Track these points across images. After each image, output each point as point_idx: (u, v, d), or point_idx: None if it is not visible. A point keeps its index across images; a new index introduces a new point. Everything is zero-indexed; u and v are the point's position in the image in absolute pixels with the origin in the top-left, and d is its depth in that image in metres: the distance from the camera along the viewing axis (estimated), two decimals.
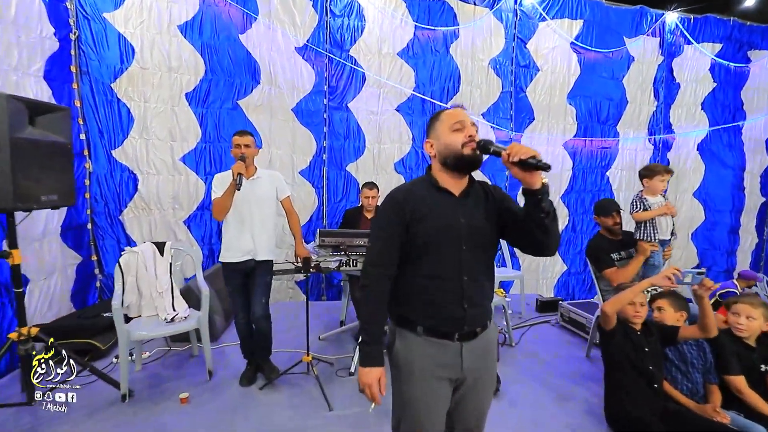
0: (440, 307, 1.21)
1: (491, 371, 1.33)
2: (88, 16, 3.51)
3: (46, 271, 3.06)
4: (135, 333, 2.35)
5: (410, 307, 1.25)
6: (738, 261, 5.59)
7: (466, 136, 1.20)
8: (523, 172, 1.05)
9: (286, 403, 2.34)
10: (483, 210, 1.26)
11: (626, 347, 2.03)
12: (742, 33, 5.30)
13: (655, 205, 2.67)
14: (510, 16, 4.70)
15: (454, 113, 1.25)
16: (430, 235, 1.20)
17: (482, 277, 1.25)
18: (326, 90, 4.29)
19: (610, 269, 2.74)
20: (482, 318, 1.26)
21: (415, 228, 1.20)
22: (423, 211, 1.21)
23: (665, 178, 2.67)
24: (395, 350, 1.26)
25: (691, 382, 2.10)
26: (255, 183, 2.50)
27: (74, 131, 3.48)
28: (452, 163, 1.22)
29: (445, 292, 1.21)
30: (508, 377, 2.69)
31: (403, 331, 1.26)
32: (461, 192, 1.25)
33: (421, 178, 1.32)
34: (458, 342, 1.21)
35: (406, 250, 1.23)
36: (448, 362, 1.22)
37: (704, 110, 5.35)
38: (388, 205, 1.26)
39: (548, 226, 1.11)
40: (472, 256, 1.21)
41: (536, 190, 1.07)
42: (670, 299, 2.25)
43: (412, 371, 1.22)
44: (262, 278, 2.49)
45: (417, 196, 1.24)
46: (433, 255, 1.20)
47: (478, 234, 1.23)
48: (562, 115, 4.98)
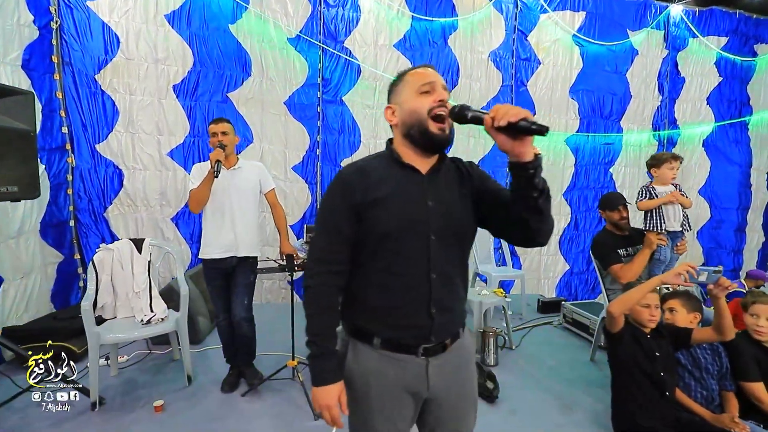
0: (402, 313, 0.98)
1: (468, 388, 1.10)
2: (71, 4, 3.38)
3: (22, 270, 2.92)
4: (107, 335, 2.19)
5: (365, 314, 1.02)
6: (744, 260, 5.43)
7: (436, 101, 0.96)
8: (513, 140, 0.82)
9: (268, 411, 2.18)
10: (457, 191, 1.02)
11: (635, 352, 1.87)
12: (748, 26, 5.15)
13: (663, 195, 2.51)
14: (510, 7, 4.56)
15: (423, 73, 1.00)
16: (388, 224, 0.96)
17: (455, 275, 1.02)
18: (320, 83, 4.14)
19: (616, 265, 2.58)
20: (453, 326, 1.05)
21: (369, 214, 0.96)
22: (380, 194, 0.96)
23: (674, 165, 2.51)
24: (347, 365, 1.04)
25: (706, 390, 1.93)
26: (236, 173, 2.35)
27: (56, 124, 3.35)
28: (416, 136, 0.98)
29: (408, 295, 0.97)
30: (507, 383, 2.53)
31: (356, 343, 1.03)
32: (429, 169, 1.02)
33: (381, 153, 1.07)
34: (423, 357, 0.99)
35: (359, 243, 1.00)
36: (411, 382, 1.00)
37: (710, 105, 5.20)
38: (334, 186, 1.02)
39: (542, 207, 0.89)
40: (443, 248, 0.98)
41: (527, 162, 0.84)
42: (682, 299, 2.09)
43: (367, 392, 1.00)
44: (245, 277, 2.34)
45: (372, 174, 0.99)
46: (393, 248, 0.97)
47: (451, 221, 0.99)
48: (565, 110, 4.83)
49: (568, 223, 5.00)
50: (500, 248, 4.47)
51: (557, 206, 4.94)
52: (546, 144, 4.83)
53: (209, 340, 3.14)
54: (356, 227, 0.99)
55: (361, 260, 1.01)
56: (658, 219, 2.51)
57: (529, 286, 4.82)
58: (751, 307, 1.97)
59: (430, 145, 0.99)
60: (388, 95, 1.08)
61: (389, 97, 1.07)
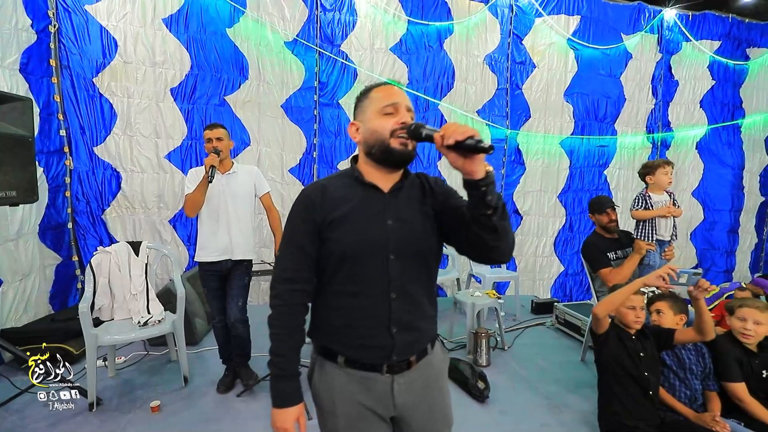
0: (362, 333, 0.98)
1: (438, 406, 1.08)
2: (69, 8, 3.40)
3: (21, 271, 2.95)
4: (104, 337, 2.23)
5: (328, 333, 1.02)
6: (737, 261, 5.50)
7: (398, 123, 0.96)
8: (463, 158, 0.83)
9: (263, 411, 2.22)
10: (418, 208, 1.02)
11: (620, 353, 1.91)
12: (740, 30, 5.21)
13: (658, 204, 2.56)
14: (505, 11, 4.60)
15: (388, 92, 1.00)
16: (347, 244, 0.96)
17: (418, 293, 1.01)
18: (316, 86, 4.18)
19: (605, 269, 2.63)
20: (418, 344, 1.03)
21: (329, 235, 0.97)
22: (340, 213, 0.97)
23: (668, 170, 2.56)
24: (314, 383, 1.05)
25: (690, 389, 1.99)
26: (231, 178, 2.39)
27: (53, 127, 3.38)
28: (378, 155, 0.98)
29: (368, 315, 0.97)
30: (499, 384, 2.58)
31: (323, 362, 1.04)
32: (392, 187, 1.02)
33: (345, 171, 1.07)
34: (388, 375, 0.99)
35: (321, 262, 1.00)
36: (376, 400, 1.00)
37: (703, 108, 5.26)
38: (298, 205, 1.02)
39: (496, 225, 0.87)
40: (403, 267, 0.97)
41: (479, 180, 0.84)
42: (669, 302, 2.14)
43: (333, 411, 1.00)
44: (240, 279, 2.38)
45: (334, 194, 1.00)
46: (351, 268, 0.97)
47: (410, 239, 0.98)
48: (559, 113, 4.88)
49: (563, 224, 5.05)
50: None
51: (552, 208, 4.99)
52: (541, 147, 4.89)
53: (206, 342, 3.17)
54: (318, 246, 0.99)
55: (323, 280, 1.02)
56: (650, 229, 2.56)
57: (524, 287, 4.87)
58: (738, 311, 1.99)
59: (393, 160, 0.99)
60: (354, 110, 1.07)
61: (355, 111, 1.07)
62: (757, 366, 1.95)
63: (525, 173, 4.87)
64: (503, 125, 4.72)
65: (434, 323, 1.09)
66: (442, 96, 4.50)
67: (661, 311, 2.12)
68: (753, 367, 1.95)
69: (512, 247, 0.97)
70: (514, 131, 4.77)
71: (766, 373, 1.95)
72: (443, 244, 1.07)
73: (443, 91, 4.51)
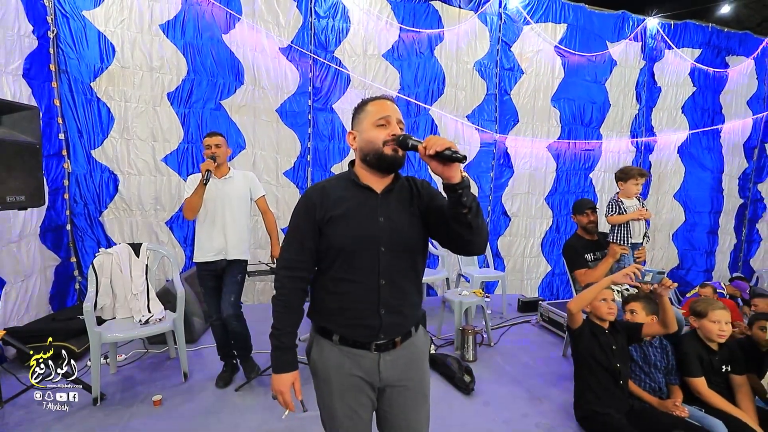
0: (354, 314, 1.13)
1: (419, 383, 1.22)
2: (67, 13, 3.48)
3: (23, 272, 3.02)
4: (107, 335, 2.32)
5: (325, 314, 1.18)
6: (717, 261, 5.71)
7: (389, 135, 1.11)
8: (442, 165, 0.97)
9: (260, 404, 2.33)
10: (407, 207, 1.17)
11: (593, 346, 2.07)
12: (720, 39, 5.42)
13: (630, 209, 2.70)
14: (495, 19, 4.75)
15: (381, 107, 1.15)
16: (344, 238, 1.11)
17: (405, 282, 1.16)
18: (311, 91, 4.29)
19: (579, 270, 2.78)
20: (402, 326, 1.18)
21: (328, 230, 1.12)
22: (337, 212, 1.12)
23: (639, 181, 2.70)
24: (312, 358, 1.21)
25: (654, 382, 2.16)
26: (227, 182, 2.50)
27: (53, 131, 3.45)
28: (372, 161, 1.13)
29: (359, 298, 1.12)
30: (484, 377, 2.72)
31: (320, 339, 1.20)
32: (384, 188, 1.17)
33: (343, 174, 1.23)
34: (376, 353, 1.14)
35: (321, 253, 1.16)
36: (365, 373, 1.15)
37: (684, 113, 5.46)
38: (300, 205, 1.18)
39: (471, 222, 1.02)
40: (393, 259, 1.12)
41: (456, 184, 0.98)
42: (642, 302, 2.30)
43: (329, 382, 1.16)
44: (233, 277, 2.48)
45: (333, 195, 1.15)
46: (348, 259, 1.12)
47: (399, 235, 1.13)
48: (547, 118, 5.04)
49: (549, 226, 5.21)
50: None
51: (540, 209, 5.16)
52: (529, 150, 5.04)
53: (203, 340, 3.28)
54: (318, 240, 1.15)
55: (323, 268, 1.18)
56: (624, 233, 2.68)
57: (512, 286, 5.03)
58: (711, 314, 2.11)
59: (385, 166, 1.14)
60: (352, 120, 1.22)
61: (353, 122, 1.22)
62: (717, 362, 2.12)
63: (513, 176, 5.03)
64: (492, 130, 4.87)
65: (419, 309, 1.24)
66: (432, 101, 4.63)
67: (634, 311, 2.29)
68: (713, 363, 2.11)
69: (486, 241, 1.12)
70: (502, 135, 4.92)
71: (725, 368, 2.12)
72: (429, 240, 1.22)
73: (434, 97, 4.64)
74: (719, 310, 2.10)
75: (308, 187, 1.25)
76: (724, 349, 2.13)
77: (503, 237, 5.11)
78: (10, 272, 2.86)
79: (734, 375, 2.11)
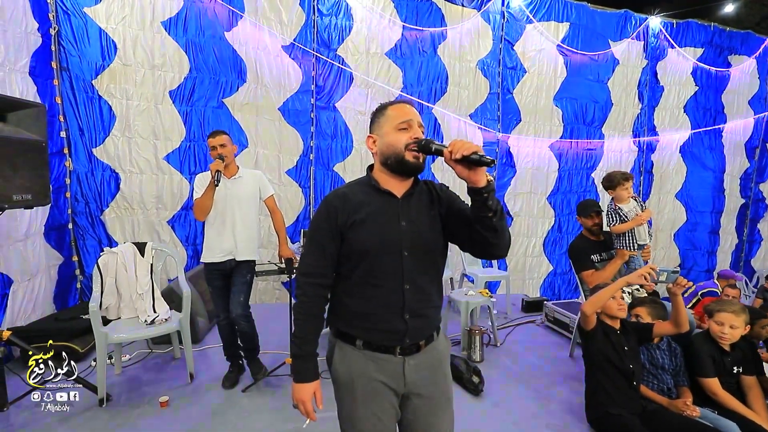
0: (379, 319, 1.12)
1: (442, 386, 1.21)
2: (69, 10, 3.44)
3: (30, 271, 3.00)
4: (113, 336, 2.30)
5: (348, 320, 1.16)
6: (718, 261, 5.72)
7: (411, 138, 1.10)
8: (468, 170, 0.97)
9: (267, 406, 2.31)
10: (427, 211, 1.16)
11: (606, 347, 2.06)
12: (722, 38, 5.43)
13: (630, 212, 2.67)
14: (497, 17, 4.73)
15: (402, 110, 1.14)
16: (367, 243, 1.10)
17: (427, 285, 1.15)
18: (313, 89, 4.26)
19: (587, 271, 2.77)
20: (427, 329, 1.17)
21: (350, 235, 1.11)
22: (359, 217, 1.11)
23: (626, 185, 2.67)
24: (334, 365, 1.18)
25: (662, 383, 2.16)
26: (236, 182, 2.47)
27: (55, 129, 3.41)
28: (393, 165, 1.12)
29: (385, 303, 1.11)
30: (492, 378, 2.70)
31: (342, 345, 1.17)
32: (404, 193, 1.16)
33: (362, 179, 1.21)
34: (400, 357, 1.13)
35: (343, 258, 1.14)
36: (389, 378, 1.13)
37: (686, 113, 5.46)
38: (321, 211, 1.15)
39: (496, 225, 1.03)
40: (415, 262, 1.11)
41: (482, 188, 0.99)
42: (648, 307, 2.30)
43: (352, 389, 1.13)
44: (242, 277, 2.46)
45: (353, 200, 1.13)
46: (371, 263, 1.10)
47: (422, 238, 1.13)
48: (549, 117, 5.04)
49: (551, 225, 5.21)
50: None
51: (542, 209, 5.15)
52: (531, 150, 5.04)
53: (208, 340, 3.25)
54: (339, 245, 1.13)
55: (345, 273, 1.15)
56: (630, 238, 2.66)
57: (514, 286, 5.02)
58: (717, 315, 2.11)
59: (406, 171, 1.13)
60: (371, 124, 1.20)
61: (371, 126, 1.19)
62: (729, 363, 2.11)
63: (516, 175, 5.02)
64: (495, 129, 4.86)
65: (440, 312, 1.23)
66: (435, 100, 4.62)
67: (639, 316, 2.29)
68: (726, 364, 2.10)
69: (509, 243, 1.11)
70: (505, 134, 4.91)
71: (737, 369, 2.11)
72: (448, 243, 1.21)
73: (437, 96, 4.63)
74: (724, 312, 2.09)
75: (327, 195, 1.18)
76: (736, 350, 2.12)
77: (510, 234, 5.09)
78: (17, 271, 2.83)
79: (745, 376, 2.10)
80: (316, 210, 1.18)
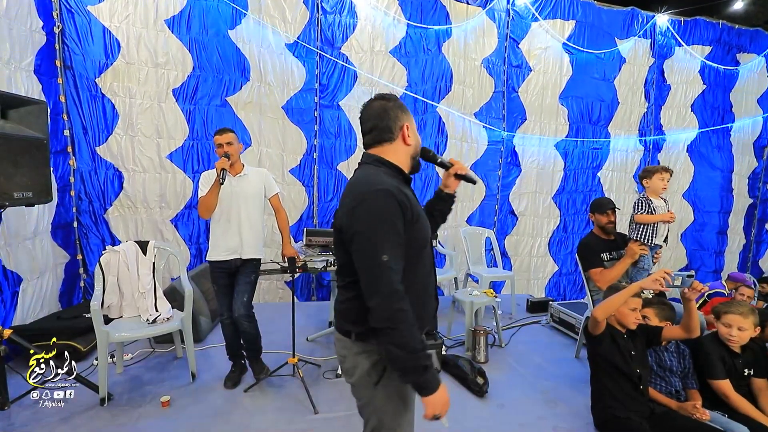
0: (426, 304, 1.19)
1: None
2: (72, 8, 3.43)
3: (38, 270, 3.01)
4: (115, 334, 2.28)
5: None
6: (726, 261, 5.65)
7: None
8: (456, 181, 1.36)
9: (270, 405, 2.29)
10: None
11: (613, 351, 2.01)
12: (730, 36, 5.35)
13: (659, 209, 2.63)
14: (503, 15, 4.69)
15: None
16: (426, 232, 1.17)
17: None
18: (317, 88, 4.24)
19: (595, 269, 2.72)
20: None
21: (415, 226, 1.10)
22: (418, 209, 1.15)
23: (664, 176, 2.63)
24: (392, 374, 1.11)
25: (670, 386, 2.12)
26: (242, 180, 2.45)
27: (59, 127, 3.41)
28: (414, 162, 1.26)
29: (432, 291, 1.22)
30: (496, 379, 2.67)
31: None
32: None
33: (389, 172, 1.15)
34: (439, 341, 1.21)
35: (407, 252, 1.08)
36: None
37: (694, 112, 5.39)
38: (391, 207, 1.03)
39: (447, 217, 1.42)
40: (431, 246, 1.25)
41: (453, 193, 1.39)
42: (656, 309, 2.26)
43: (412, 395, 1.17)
44: (246, 277, 2.44)
45: (404, 192, 1.10)
46: (426, 253, 1.19)
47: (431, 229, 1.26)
48: (554, 116, 4.98)
49: (557, 225, 5.16)
50: (491, 250, 4.61)
51: (547, 209, 5.10)
52: (536, 149, 4.99)
53: (210, 339, 3.23)
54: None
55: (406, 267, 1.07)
56: (650, 233, 2.61)
57: (519, 286, 4.98)
58: (724, 317, 2.07)
59: (414, 171, 1.27)
60: (399, 110, 1.18)
61: (400, 113, 1.18)
62: (740, 365, 2.06)
63: (521, 175, 4.98)
64: (500, 127, 4.81)
65: None
66: (440, 98, 4.58)
67: (647, 317, 2.24)
68: (736, 366, 2.06)
69: None
70: (510, 133, 4.86)
71: (747, 372, 2.06)
72: None
73: (441, 94, 4.59)
74: (731, 314, 2.04)
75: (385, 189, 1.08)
76: (747, 352, 2.08)
77: (510, 236, 5.06)
78: (26, 269, 2.84)
79: (756, 378, 2.06)
80: (380, 207, 1.04)
